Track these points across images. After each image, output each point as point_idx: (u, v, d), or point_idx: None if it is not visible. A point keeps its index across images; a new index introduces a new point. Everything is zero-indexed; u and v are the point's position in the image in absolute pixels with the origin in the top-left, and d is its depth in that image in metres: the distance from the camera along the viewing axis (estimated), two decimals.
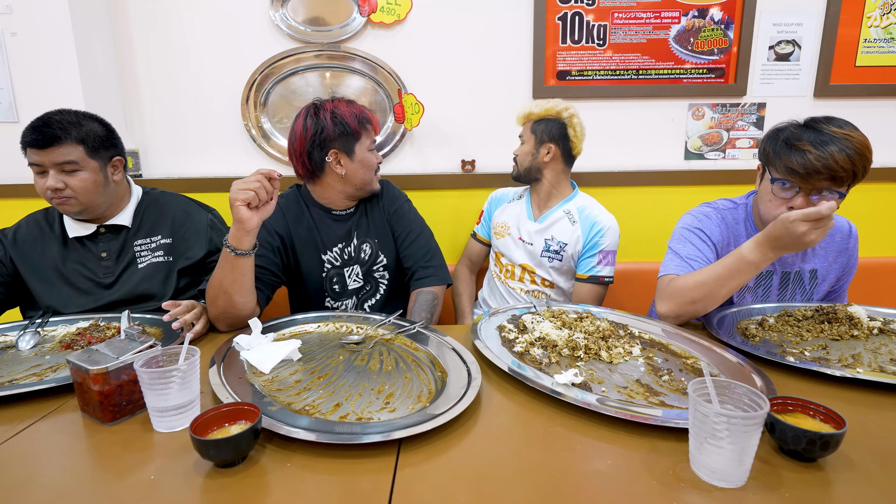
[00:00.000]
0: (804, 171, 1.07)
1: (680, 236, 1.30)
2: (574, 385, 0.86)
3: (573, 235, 1.61)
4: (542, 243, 1.64)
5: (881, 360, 0.97)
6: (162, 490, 0.63)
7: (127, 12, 1.89)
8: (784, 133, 1.14)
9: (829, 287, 1.35)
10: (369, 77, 1.94)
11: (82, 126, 1.26)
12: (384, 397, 0.84)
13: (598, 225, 1.58)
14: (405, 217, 1.48)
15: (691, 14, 1.88)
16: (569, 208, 1.63)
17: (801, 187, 1.10)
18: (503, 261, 1.73)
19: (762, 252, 1.06)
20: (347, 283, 1.46)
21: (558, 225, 1.63)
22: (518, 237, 1.68)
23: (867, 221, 2.00)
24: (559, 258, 1.63)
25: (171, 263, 1.38)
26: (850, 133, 1.08)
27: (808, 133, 1.10)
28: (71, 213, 1.29)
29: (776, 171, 1.13)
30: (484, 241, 1.82)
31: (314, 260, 1.42)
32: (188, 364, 0.76)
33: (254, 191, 1.06)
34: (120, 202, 1.37)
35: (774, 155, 1.13)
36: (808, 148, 1.07)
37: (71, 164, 1.23)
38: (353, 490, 0.63)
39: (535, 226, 1.66)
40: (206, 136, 2.00)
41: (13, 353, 1.05)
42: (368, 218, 1.47)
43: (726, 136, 1.98)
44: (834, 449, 0.65)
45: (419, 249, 1.46)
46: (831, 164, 1.05)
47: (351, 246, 1.45)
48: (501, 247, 1.73)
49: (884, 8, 1.87)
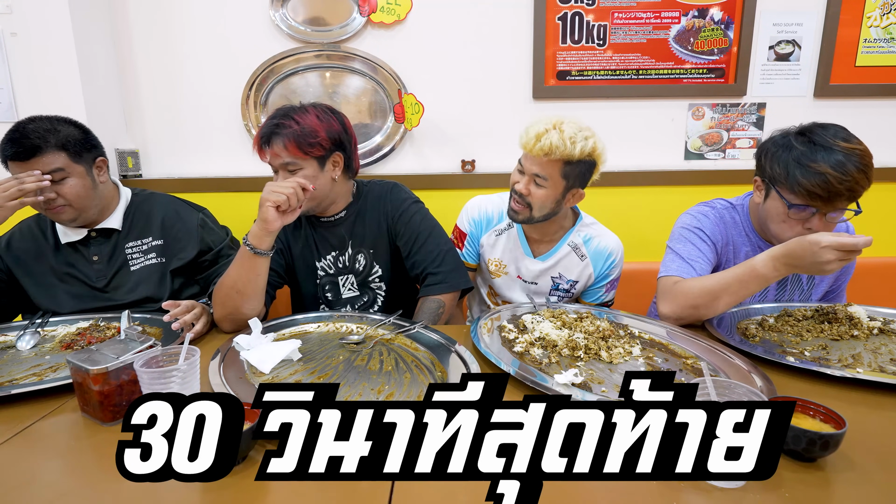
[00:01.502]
0: (828, 194, 1.05)
1: (679, 236, 1.30)
2: (574, 385, 0.86)
3: (584, 273, 1.44)
4: (548, 282, 1.46)
5: (881, 360, 0.97)
6: (162, 490, 0.63)
7: (127, 12, 1.89)
8: (792, 153, 1.09)
9: (828, 287, 1.35)
10: (369, 77, 1.94)
11: (59, 131, 1.22)
12: (384, 397, 0.84)
13: (609, 256, 1.44)
14: (410, 223, 1.35)
15: (691, 14, 1.88)
16: (574, 241, 1.43)
17: (821, 209, 1.09)
18: (499, 299, 1.55)
19: (775, 268, 1.05)
20: (341, 292, 1.40)
21: (565, 261, 1.44)
22: (516, 275, 1.48)
23: (867, 221, 2.00)
24: (569, 296, 1.48)
25: (164, 265, 1.37)
26: (856, 147, 1.07)
27: (819, 151, 1.06)
28: (65, 221, 1.28)
29: (793, 196, 1.09)
30: (471, 266, 1.55)
31: (309, 266, 1.40)
32: (188, 364, 0.76)
33: (287, 196, 1.08)
34: (109, 204, 1.36)
35: (788, 177, 1.09)
36: (826, 170, 1.04)
37: (58, 172, 1.21)
38: (353, 491, 0.63)
39: (538, 264, 1.44)
40: (206, 136, 2.00)
41: (13, 354, 1.05)
42: (365, 224, 1.37)
43: (726, 136, 1.98)
44: (834, 449, 0.65)
45: (427, 255, 1.34)
46: (852, 184, 1.04)
47: (345, 255, 1.38)
48: (498, 288, 1.53)
49: (884, 8, 1.87)
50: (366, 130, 2.00)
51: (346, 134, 1.27)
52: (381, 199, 1.38)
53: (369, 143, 2.00)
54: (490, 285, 1.56)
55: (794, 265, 1.03)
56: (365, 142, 1.99)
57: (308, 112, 1.22)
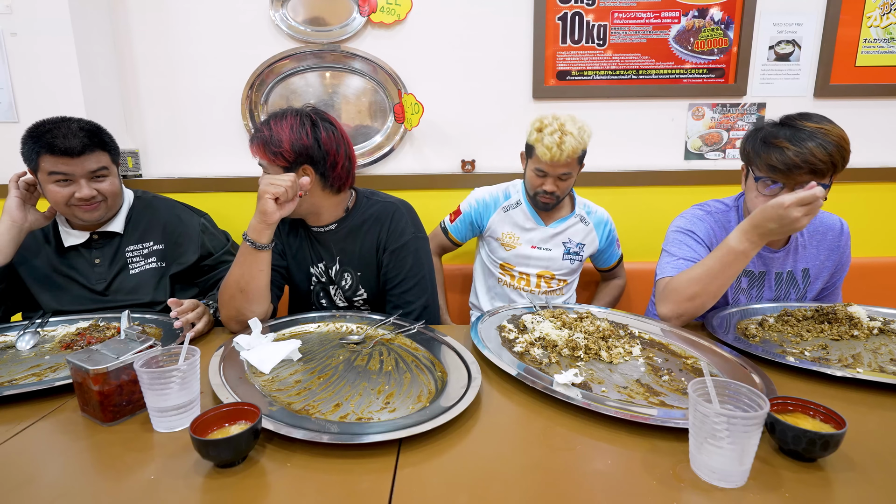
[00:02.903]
0: (784, 167, 1.10)
1: (674, 239, 1.31)
2: (574, 385, 0.86)
3: (588, 236, 1.67)
4: (560, 247, 1.65)
5: (881, 360, 0.97)
6: (162, 490, 0.63)
7: (127, 12, 1.89)
8: (762, 132, 1.17)
9: (823, 284, 1.36)
10: (369, 77, 1.94)
11: (102, 132, 1.28)
12: (384, 397, 0.84)
13: (607, 223, 1.70)
14: (401, 262, 1.29)
15: (691, 14, 1.88)
16: (580, 213, 1.67)
17: (784, 183, 1.13)
18: (516, 271, 1.68)
19: (749, 239, 1.08)
20: (334, 300, 1.37)
21: (573, 229, 1.66)
22: (531, 245, 1.65)
23: (867, 221, 2.00)
24: (579, 258, 1.67)
25: (163, 269, 1.38)
26: (825, 127, 1.11)
27: (785, 130, 1.13)
28: (94, 218, 1.29)
29: (758, 170, 1.16)
30: (455, 241, 1.76)
31: (303, 271, 1.37)
32: (188, 364, 0.76)
33: (285, 188, 1.10)
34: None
35: (755, 154, 1.16)
36: (785, 145, 1.10)
37: (103, 171, 1.26)
38: (353, 490, 0.63)
39: (549, 230, 1.65)
40: (206, 136, 2.00)
41: (13, 354, 1.05)
42: (357, 244, 1.31)
43: (726, 136, 1.98)
44: (834, 449, 0.65)
45: (407, 305, 1.29)
46: (809, 158, 1.08)
47: (333, 268, 1.34)
48: (513, 258, 1.67)
49: (884, 8, 1.87)
50: (366, 130, 2.00)
51: (318, 149, 1.19)
52: (380, 223, 1.30)
53: (369, 143, 2.00)
54: (503, 262, 1.69)
55: (766, 232, 1.06)
56: (365, 142, 1.99)
57: (285, 120, 1.19)
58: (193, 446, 0.66)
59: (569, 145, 1.43)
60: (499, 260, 1.70)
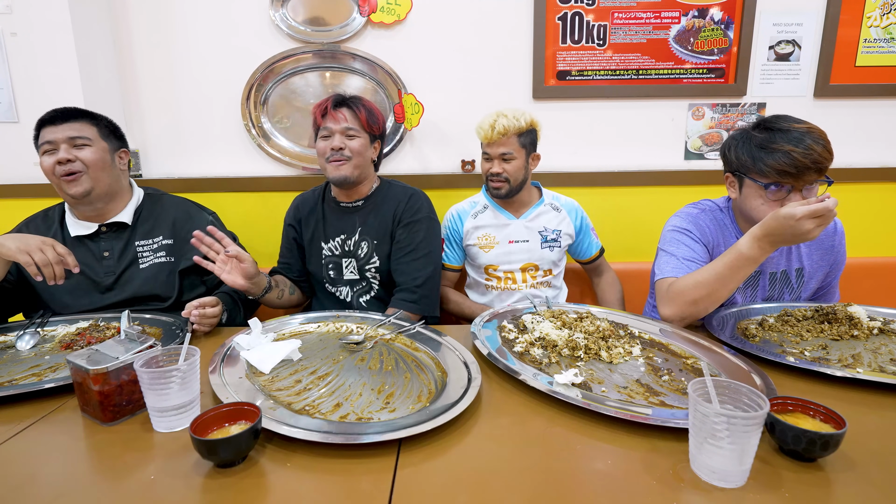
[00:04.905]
0: (795, 169, 1.10)
1: (671, 238, 1.30)
2: (574, 385, 0.86)
3: (563, 222, 1.70)
4: (537, 236, 1.67)
5: (881, 360, 0.97)
6: (162, 490, 0.63)
7: (127, 12, 1.89)
8: (754, 140, 1.16)
9: (818, 284, 1.36)
10: (369, 77, 1.94)
11: (97, 114, 1.35)
12: (384, 397, 0.84)
13: (577, 208, 1.73)
14: (413, 234, 1.45)
15: (691, 14, 1.88)
16: (549, 201, 1.71)
17: (794, 185, 1.13)
18: (500, 271, 1.68)
19: (761, 247, 1.07)
20: (343, 273, 1.51)
21: (545, 216, 1.69)
22: (509, 241, 1.66)
23: (867, 221, 2.00)
24: (558, 245, 1.68)
25: (173, 264, 1.38)
26: (808, 124, 1.13)
27: (777, 135, 1.13)
28: (77, 192, 1.28)
29: (764, 177, 1.15)
30: (456, 268, 1.75)
31: (316, 247, 1.53)
32: (188, 364, 0.76)
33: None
34: (122, 196, 1.38)
35: (755, 161, 1.15)
36: (789, 148, 1.10)
37: (83, 139, 1.29)
38: (353, 490, 0.63)
39: (522, 223, 1.67)
40: (206, 136, 1.99)
41: (13, 353, 1.05)
42: (377, 217, 1.48)
43: (726, 136, 1.98)
44: (834, 449, 0.65)
45: (413, 271, 1.43)
46: (816, 156, 1.09)
47: (352, 240, 1.49)
48: (494, 259, 1.67)
49: (884, 8, 1.87)
50: None
51: (385, 132, 1.52)
52: (398, 201, 1.49)
53: None
54: (486, 266, 1.70)
55: (778, 241, 1.06)
56: None
57: (369, 103, 1.48)
58: (193, 446, 0.66)
59: (500, 123, 1.53)
60: (482, 265, 1.70)
